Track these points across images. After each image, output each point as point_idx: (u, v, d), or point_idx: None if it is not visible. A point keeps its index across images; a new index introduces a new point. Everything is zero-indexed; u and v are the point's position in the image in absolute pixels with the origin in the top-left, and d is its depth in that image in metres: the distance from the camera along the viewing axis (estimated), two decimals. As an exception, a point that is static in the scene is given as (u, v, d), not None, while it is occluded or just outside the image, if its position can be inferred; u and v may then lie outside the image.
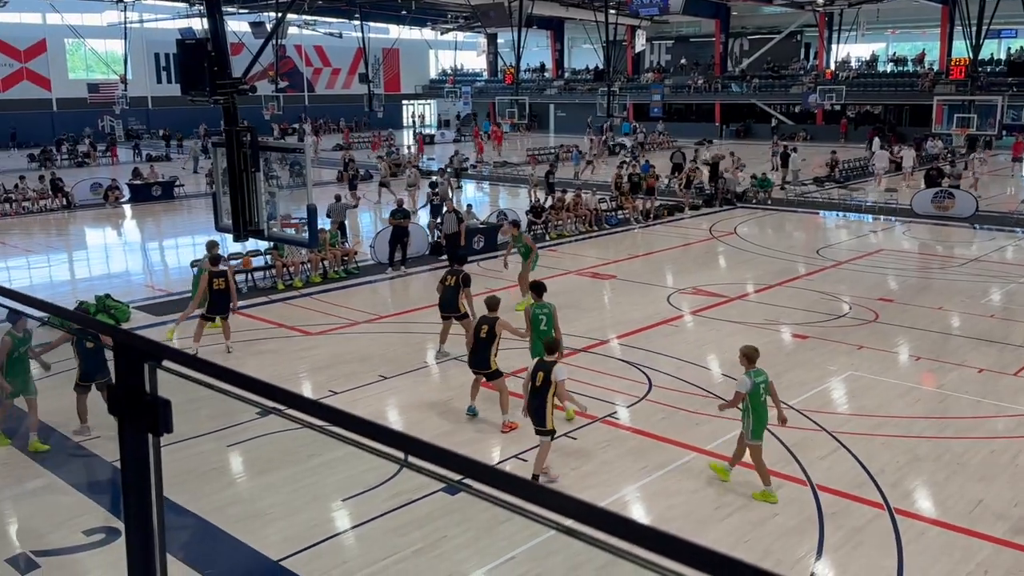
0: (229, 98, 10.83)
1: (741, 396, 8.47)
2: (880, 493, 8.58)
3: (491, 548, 7.57)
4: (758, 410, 8.44)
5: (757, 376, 8.46)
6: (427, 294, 17.07)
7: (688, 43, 65.87)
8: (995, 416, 10.67)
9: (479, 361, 10.45)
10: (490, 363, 10.36)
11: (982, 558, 7.48)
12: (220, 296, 12.87)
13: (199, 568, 7.32)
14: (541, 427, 8.89)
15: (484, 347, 10.34)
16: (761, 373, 8.54)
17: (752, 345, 8.84)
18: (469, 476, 1.32)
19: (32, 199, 29.03)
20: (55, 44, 54.08)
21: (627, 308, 16.02)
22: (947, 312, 15.50)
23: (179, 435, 1.91)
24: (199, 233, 24.58)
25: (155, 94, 57.88)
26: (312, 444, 9.34)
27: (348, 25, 57.73)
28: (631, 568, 1.24)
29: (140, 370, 1.75)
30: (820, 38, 57.15)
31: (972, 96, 37.97)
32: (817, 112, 54.79)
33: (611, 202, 26.20)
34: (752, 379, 8.41)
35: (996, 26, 41.54)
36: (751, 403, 8.42)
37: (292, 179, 31.22)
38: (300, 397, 1.55)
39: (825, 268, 19.25)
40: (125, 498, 1.79)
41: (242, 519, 8.18)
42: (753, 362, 8.54)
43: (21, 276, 19.89)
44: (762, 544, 7.72)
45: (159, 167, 35.29)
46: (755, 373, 8.48)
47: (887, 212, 27.10)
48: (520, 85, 49.81)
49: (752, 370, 8.50)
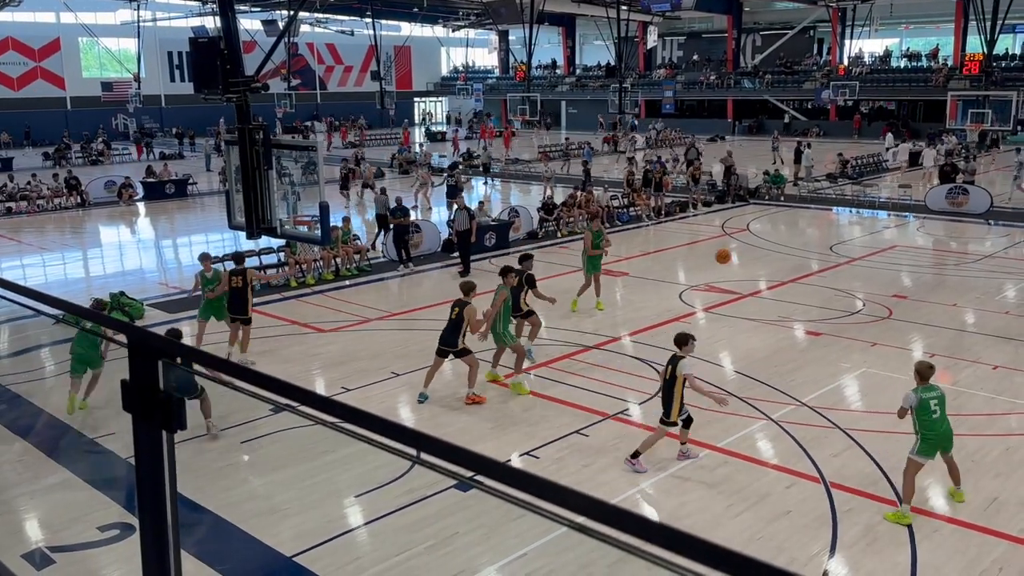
0: (242, 96, 10.88)
1: (903, 411, 8.24)
2: (894, 490, 8.54)
3: (503, 545, 7.58)
4: (926, 425, 8.08)
5: (926, 392, 8.10)
6: (439, 291, 17.10)
7: (700, 39, 65.63)
8: (1010, 413, 10.60)
9: (448, 341, 11.06)
10: (458, 343, 11.01)
11: (997, 555, 7.44)
12: (236, 295, 12.86)
13: (213, 564, 7.36)
14: (665, 417, 9.14)
15: (454, 329, 11.01)
16: (933, 389, 8.15)
17: (926, 361, 8.57)
18: (481, 473, 1.32)
19: (47, 197, 29.23)
20: (69, 43, 54.39)
21: (639, 305, 15.99)
22: (961, 309, 15.40)
23: (193, 431, 1.92)
24: (213, 231, 24.71)
25: (168, 92, 58.15)
26: (325, 441, 9.37)
27: (360, 23, 57.84)
28: (642, 565, 1.24)
29: (154, 367, 1.76)
30: (833, 33, 56.82)
31: (987, 91, 37.69)
32: (830, 108, 54.52)
33: (623, 199, 26.15)
34: (918, 395, 8.10)
35: (1011, 20, 41.21)
36: (918, 419, 8.11)
37: (305, 177, 31.21)
38: (313, 394, 1.55)
39: (839, 265, 19.16)
40: (139, 494, 1.81)
41: (255, 515, 8.21)
42: (926, 379, 8.18)
43: (36, 274, 20.02)
44: (775, 541, 7.70)
45: (172, 165, 35.46)
46: (924, 389, 8.12)
47: (901, 208, 26.94)
48: (532, 82, 49.75)
49: (922, 386, 8.15)
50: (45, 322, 13.32)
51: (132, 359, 1.77)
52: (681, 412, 9.14)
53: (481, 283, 12.88)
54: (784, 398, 11.10)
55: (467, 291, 11.31)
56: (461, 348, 11.03)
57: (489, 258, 19.74)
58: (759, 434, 10.10)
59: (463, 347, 11.04)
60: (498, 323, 11.55)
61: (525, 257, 13.27)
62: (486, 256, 19.90)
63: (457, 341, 11.00)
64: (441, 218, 24.90)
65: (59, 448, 10.08)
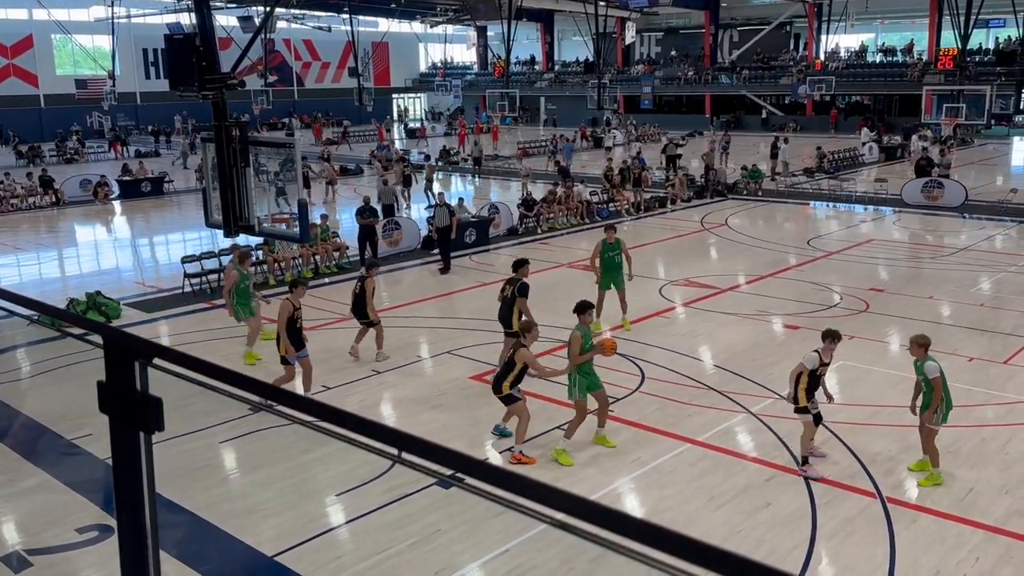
0: (218, 93, 10.78)
1: (940, 380, 8.42)
2: (872, 482, 8.62)
3: (485, 541, 7.58)
4: (947, 392, 8.54)
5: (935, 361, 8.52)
6: (419, 288, 17.07)
7: (678, 35, 65.86)
8: (985, 404, 10.73)
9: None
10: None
11: (973, 545, 7.53)
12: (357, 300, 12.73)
13: (193, 565, 7.31)
14: (795, 405, 8.97)
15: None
16: (933, 358, 8.57)
17: (922, 333, 8.85)
18: (462, 471, 1.32)
19: (21, 196, 28.87)
20: (42, 40, 53.76)
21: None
22: (937, 301, 15.56)
23: (171, 432, 1.91)
24: (189, 229, 24.52)
25: (144, 90, 57.61)
26: (305, 440, 9.34)
27: (337, 19, 57.49)
28: (623, 560, 1.25)
29: (130, 368, 1.74)
30: (809, 29, 57.25)
31: (961, 86, 38.08)
32: (807, 103, 54.87)
33: (602, 195, 26.21)
34: (937, 363, 8.49)
35: (985, 15, 41.63)
36: (945, 387, 8.48)
37: (283, 174, 31.02)
38: (292, 393, 1.55)
39: (816, 258, 19.30)
40: (117, 496, 1.79)
41: (235, 515, 8.17)
42: (927, 349, 8.54)
43: (10, 274, 19.79)
44: (755, 534, 7.75)
45: (148, 163, 35.14)
46: (931, 359, 8.53)
47: (877, 202, 27.17)
48: (510, 78, 49.71)
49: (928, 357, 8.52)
50: (19, 323, 13.18)
51: (108, 360, 1.76)
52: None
53: (462, 280, 12.81)
54: (763, 391, 11.18)
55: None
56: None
57: (470, 255, 19.72)
58: (738, 428, 10.17)
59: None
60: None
61: (519, 264, 11.90)
62: (466, 253, 19.88)
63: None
64: (421, 215, 24.83)
65: (36, 450, 9.97)
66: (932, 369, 8.41)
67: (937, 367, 8.43)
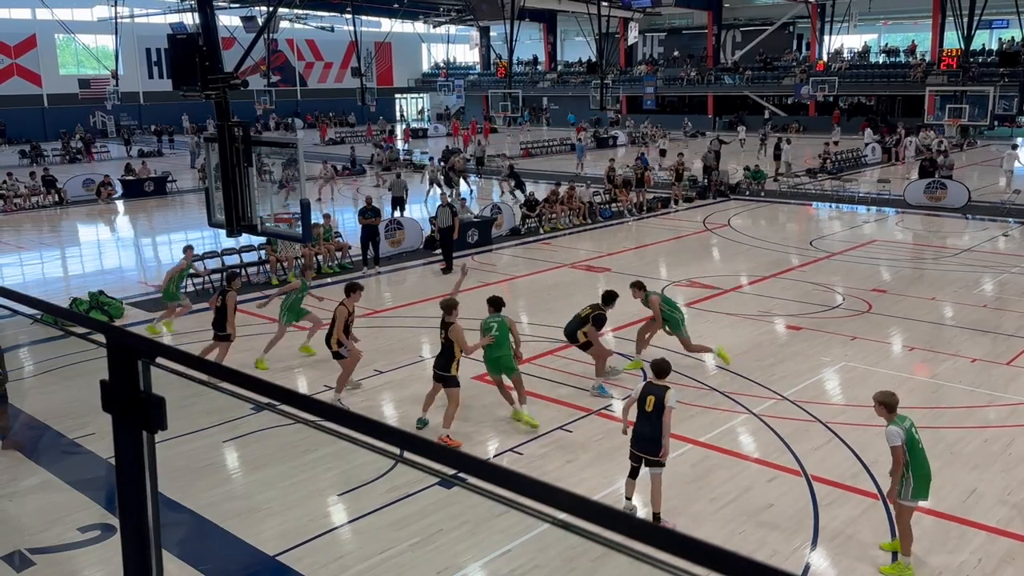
0: (221, 93, 10.78)
1: (900, 450, 6.94)
2: (874, 483, 8.61)
3: (487, 541, 7.58)
4: (917, 461, 7.01)
5: (903, 422, 7.03)
6: (421, 288, 17.06)
7: (681, 35, 65.82)
8: (988, 405, 10.71)
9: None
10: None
11: (976, 546, 7.52)
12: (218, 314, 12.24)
13: (195, 564, 7.32)
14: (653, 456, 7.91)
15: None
16: (905, 419, 7.10)
17: (887, 391, 7.32)
18: (464, 471, 1.32)
19: (24, 196, 28.91)
20: (45, 40, 53.80)
21: (621, 301, 15.96)
22: (940, 302, 15.54)
23: (173, 431, 1.91)
24: (192, 229, 24.53)
25: (147, 89, 57.66)
26: (307, 439, 9.35)
27: (340, 19, 57.55)
28: (625, 560, 1.25)
29: (133, 367, 1.74)
30: (812, 29, 57.15)
31: (964, 86, 38.04)
32: (810, 103, 54.81)
33: (604, 195, 26.20)
34: (900, 427, 6.97)
35: (988, 16, 41.58)
36: (909, 455, 6.96)
37: (285, 173, 31.04)
38: (295, 393, 1.55)
39: (818, 259, 19.28)
40: (120, 495, 1.79)
41: (238, 515, 8.17)
42: (893, 410, 7.08)
43: (13, 273, 19.81)
44: (757, 535, 7.75)
45: (152, 162, 35.17)
46: (899, 421, 7.05)
47: (880, 203, 27.15)
48: (513, 78, 49.72)
49: (896, 418, 7.07)
50: (22, 322, 13.20)
51: (111, 359, 1.76)
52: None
53: (464, 280, 12.79)
54: (765, 392, 11.17)
55: (448, 309, 10.11)
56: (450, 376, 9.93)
57: (472, 255, 19.72)
58: (741, 428, 10.16)
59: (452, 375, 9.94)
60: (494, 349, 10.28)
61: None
62: (468, 253, 19.88)
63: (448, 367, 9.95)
64: (423, 215, 24.84)
65: (38, 449, 9.99)
66: (892, 436, 6.96)
67: (898, 434, 6.91)
